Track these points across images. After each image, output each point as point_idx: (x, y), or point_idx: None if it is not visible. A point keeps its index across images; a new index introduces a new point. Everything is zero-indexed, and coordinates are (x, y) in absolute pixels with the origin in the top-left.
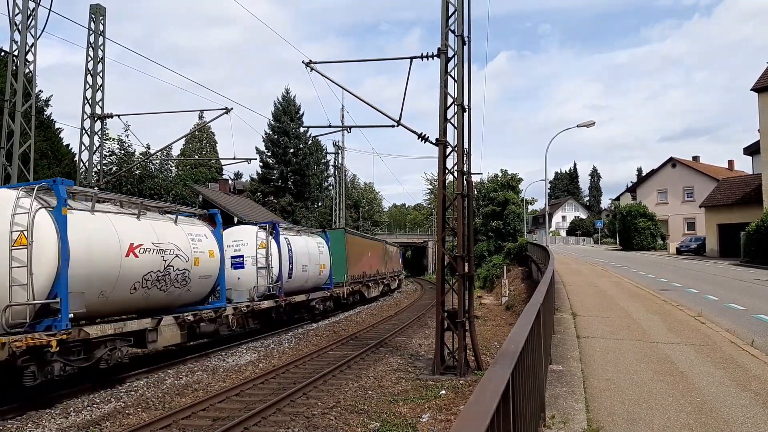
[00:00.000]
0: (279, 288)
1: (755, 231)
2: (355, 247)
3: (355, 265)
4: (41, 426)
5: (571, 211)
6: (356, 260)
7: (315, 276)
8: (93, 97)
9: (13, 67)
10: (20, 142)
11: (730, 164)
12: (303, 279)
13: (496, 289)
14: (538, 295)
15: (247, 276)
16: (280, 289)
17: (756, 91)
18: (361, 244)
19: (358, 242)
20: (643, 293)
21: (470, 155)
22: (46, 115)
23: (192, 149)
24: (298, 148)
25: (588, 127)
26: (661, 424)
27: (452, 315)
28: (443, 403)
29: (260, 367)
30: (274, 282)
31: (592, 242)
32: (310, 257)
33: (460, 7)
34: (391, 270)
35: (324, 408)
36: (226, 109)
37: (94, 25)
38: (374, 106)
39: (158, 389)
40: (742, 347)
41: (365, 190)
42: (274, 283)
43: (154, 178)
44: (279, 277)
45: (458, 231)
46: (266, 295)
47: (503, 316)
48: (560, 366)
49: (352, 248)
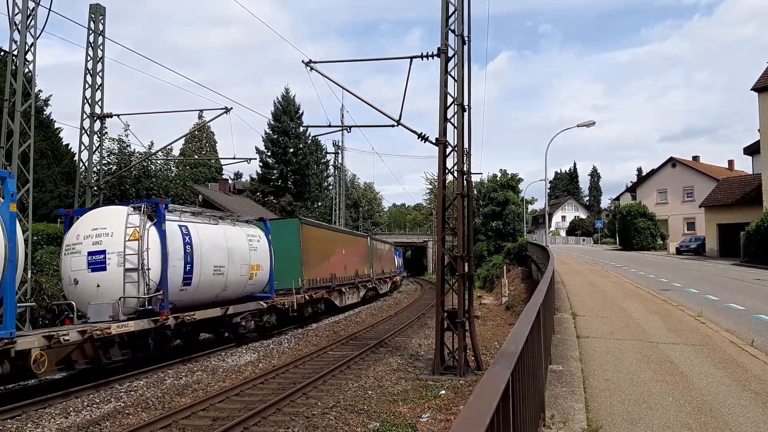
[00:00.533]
0: (161, 300)
1: (755, 231)
2: (317, 242)
3: (316, 265)
4: (41, 426)
5: (571, 211)
6: (319, 259)
7: (240, 281)
8: (93, 96)
9: (13, 66)
10: (20, 142)
11: (730, 164)
12: (216, 285)
13: (496, 289)
14: (538, 295)
15: (110, 282)
16: (163, 302)
17: (756, 90)
18: (328, 238)
19: (322, 236)
20: (643, 293)
21: (470, 155)
22: (45, 115)
23: (192, 149)
24: (298, 148)
25: (588, 126)
26: (661, 424)
27: (452, 315)
28: (443, 403)
29: (260, 367)
30: (153, 291)
31: (591, 242)
32: (230, 254)
33: (460, 7)
34: (380, 271)
35: (324, 408)
36: (226, 109)
37: (93, 25)
38: (374, 106)
39: (158, 389)
40: (742, 347)
41: (365, 190)
42: (153, 293)
43: (151, 177)
44: (161, 283)
45: (458, 231)
46: (141, 311)
47: (503, 316)
48: (560, 366)
49: (312, 244)
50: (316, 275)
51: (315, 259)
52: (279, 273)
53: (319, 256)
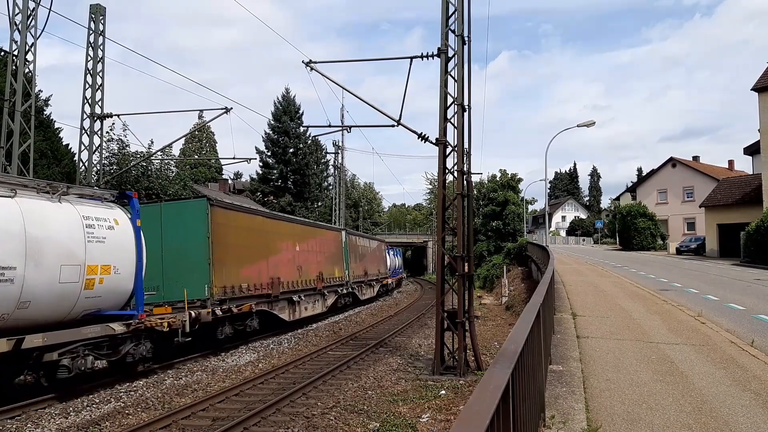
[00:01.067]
0: None
1: (755, 231)
2: (243, 234)
3: (241, 266)
4: (41, 426)
5: (571, 211)
6: (246, 258)
7: (62, 292)
8: (93, 96)
9: (13, 66)
10: (20, 142)
11: (730, 164)
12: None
13: (496, 289)
14: (538, 295)
15: None
16: None
17: (756, 90)
18: (267, 230)
19: (254, 226)
20: (643, 293)
21: (470, 155)
22: (45, 115)
23: (192, 149)
24: (298, 148)
25: (588, 126)
26: (661, 424)
27: (452, 315)
28: (443, 403)
29: (260, 367)
30: None
31: (592, 242)
32: (32, 247)
33: (460, 7)
34: (362, 273)
35: (324, 408)
36: (226, 109)
37: (93, 25)
38: (374, 106)
39: (158, 389)
40: (742, 347)
41: (365, 190)
42: None
43: (149, 177)
44: None
45: (458, 231)
46: None
47: (503, 316)
48: (560, 366)
49: (233, 236)
50: (240, 280)
51: (238, 257)
52: (173, 278)
53: (246, 253)
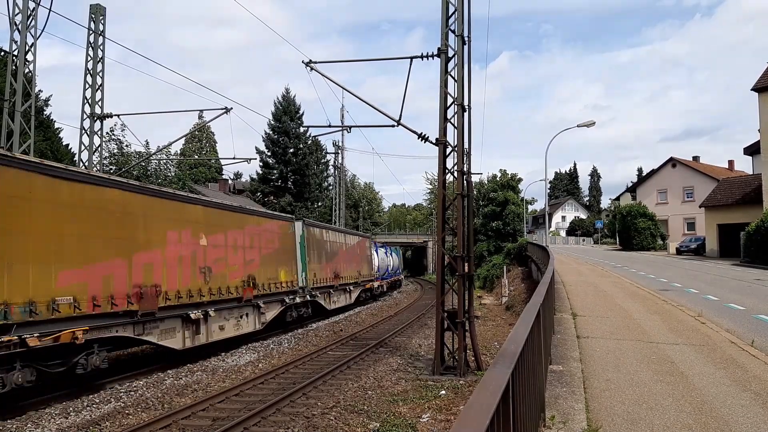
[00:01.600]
0: None
1: (755, 231)
2: (59, 215)
3: (49, 268)
4: (41, 426)
5: (571, 211)
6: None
7: None
8: (93, 96)
9: (13, 66)
10: (20, 142)
11: (730, 164)
12: None
13: (496, 289)
14: (538, 295)
15: None
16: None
17: (756, 91)
18: (115, 210)
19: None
20: (643, 293)
21: (470, 155)
22: (45, 115)
23: (192, 149)
24: (298, 148)
25: (588, 127)
26: (661, 425)
27: (452, 315)
28: (443, 403)
29: (260, 367)
30: None
31: (591, 242)
32: None
33: (460, 7)
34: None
35: (324, 408)
36: (226, 109)
37: (94, 25)
38: (374, 106)
39: (158, 389)
40: (742, 347)
41: (365, 190)
42: None
43: (148, 177)
44: None
45: (458, 231)
46: None
47: (503, 316)
48: (560, 366)
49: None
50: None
51: (53, 254)
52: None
53: (75, 248)
